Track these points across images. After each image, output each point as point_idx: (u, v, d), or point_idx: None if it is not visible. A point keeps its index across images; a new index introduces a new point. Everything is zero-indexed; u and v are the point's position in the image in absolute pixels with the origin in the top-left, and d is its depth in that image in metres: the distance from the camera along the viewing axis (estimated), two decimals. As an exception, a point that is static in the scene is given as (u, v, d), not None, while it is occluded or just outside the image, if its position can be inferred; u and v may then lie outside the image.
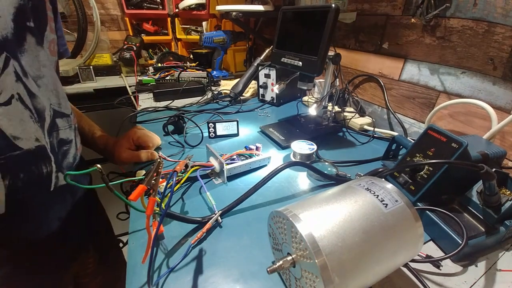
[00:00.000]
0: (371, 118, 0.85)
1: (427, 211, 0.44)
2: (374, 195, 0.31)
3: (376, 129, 0.80)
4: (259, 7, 1.20)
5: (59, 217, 0.45)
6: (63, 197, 0.46)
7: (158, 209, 0.38)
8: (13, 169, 0.35)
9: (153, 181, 0.36)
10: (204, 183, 0.52)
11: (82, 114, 0.61)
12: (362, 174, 0.58)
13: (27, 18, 0.35)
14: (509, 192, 0.43)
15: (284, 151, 0.70)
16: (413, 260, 0.38)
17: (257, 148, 0.65)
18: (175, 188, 0.53)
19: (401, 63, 0.77)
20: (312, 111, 0.77)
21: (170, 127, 0.76)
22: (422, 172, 0.48)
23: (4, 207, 0.36)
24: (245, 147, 0.65)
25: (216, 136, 0.77)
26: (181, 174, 0.53)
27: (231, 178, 0.58)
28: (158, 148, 0.68)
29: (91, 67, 1.30)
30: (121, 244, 0.75)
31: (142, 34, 1.60)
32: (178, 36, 1.67)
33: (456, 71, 0.64)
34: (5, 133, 0.34)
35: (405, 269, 0.38)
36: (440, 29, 0.65)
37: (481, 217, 0.43)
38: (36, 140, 0.37)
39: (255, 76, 1.05)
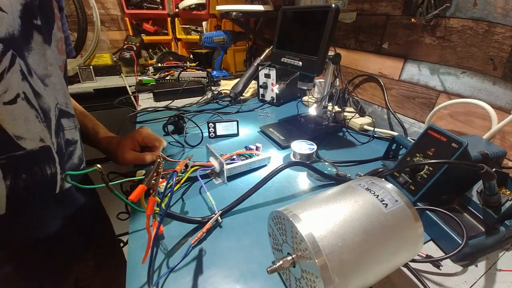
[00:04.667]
0: (371, 118, 0.85)
1: (427, 211, 0.44)
2: (374, 195, 0.31)
3: (376, 129, 0.80)
4: (259, 7, 1.20)
5: (61, 219, 0.45)
6: (68, 199, 0.45)
7: (158, 209, 0.38)
8: (14, 169, 0.35)
9: (153, 181, 0.36)
10: (204, 183, 0.52)
11: (87, 113, 0.60)
12: (362, 174, 0.58)
13: (34, 15, 0.35)
14: (509, 192, 0.43)
15: (284, 151, 0.70)
16: (413, 260, 0.38)
17: (257, 148, 0.65)
18: (175, 188, 0.53)
19: (401, 63, 0.77)
20: (312, 111, 0.77)
21: (170, 127, 0.76)
22: (422, 172, 0.48)
23: (4, 207, 0.35)
24: (245, 147, 0.65)
25: (216, 136, 0.77)
26: (181, 174, 0.53)
27: (231, 178, 0.58)
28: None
29: (91, 67, 1.30)
30: (121, 244, 0.75)
31: (142, 34, 1.60)
32: (178, 36, 1.67)
33: (456, 71, 0.64)
34: (7, 132, 0.33)
35: (405, 269, 0.38)
36: (440, 29, 0.65)
37: (481, 217, 0.43)
38: (40, 141, 0.37)
39: (255, 76, 1.05)
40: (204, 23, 1.60)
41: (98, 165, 0.30)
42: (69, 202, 0.46)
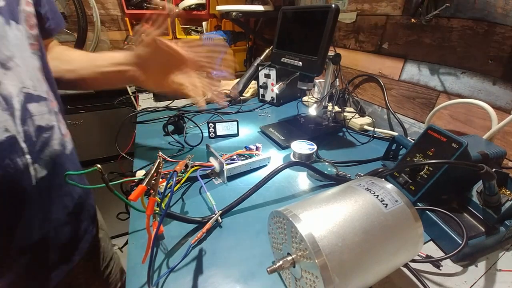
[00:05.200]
0: (371, 118, 0.85)
1: (427, 211, 0.44)
2: (374, 195, 0.31)
3: (376, 129, 0.80)
4: (259, 7, 1.19)
5: (50, 216, 0.43)
6: (51, 193, 0.42)
7: (158, 209, 0.38)
8: None
9: (153, 181, 0.36)
10: (204, 183, 0.52)
11: (93, 61, 0.56)
12: (362, 174, 0.58)
13: None
14: (509, 192, 0.43)
15: (284, 151, 0.70)
16: (413, 260, 0.38)
17: (257, 148, 0.65)
18: (175, 188, 0.53)
19: (401, 63, 0.77)
20: (312, 111, 0.77)
21: (170, 127, 0.76)
22: (422, 172, 0.48)
23: None
24: (245, 147, 0.65)
25: (216, 136, 0.77)
26: (181, 174, 0.53)
27: (231, 178, 0.58)
28: (157, 149, 0.68)
29: (91, 67, 1.29)
30: (116, 247, 0.73)
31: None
32: (178, 36, 1.66)
33: (456, 71, 0.64)
34: None
35: (405, 269, 0.38)
36: (440, 29, 0.65)
37: (481, 217, 0.43)
38: (5, 131, 0.34)
39: (255, 76, 1.05)
40: (204, 23, 1.60)
41: (98, 165, 0.30)
42: (54, 196, 0.43)
